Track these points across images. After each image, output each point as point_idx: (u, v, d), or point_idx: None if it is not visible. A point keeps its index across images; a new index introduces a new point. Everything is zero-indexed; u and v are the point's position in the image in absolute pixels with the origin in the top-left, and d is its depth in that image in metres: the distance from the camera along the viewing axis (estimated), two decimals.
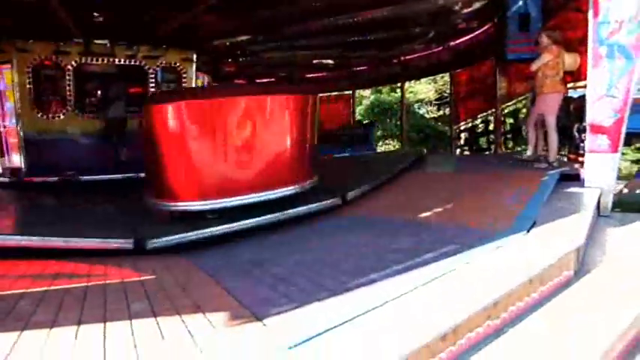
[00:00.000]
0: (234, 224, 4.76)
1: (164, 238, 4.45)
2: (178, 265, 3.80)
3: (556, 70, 6.11)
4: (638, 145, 16.36)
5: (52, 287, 3.15)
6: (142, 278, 3.35)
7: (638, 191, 8.71)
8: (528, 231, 3.63)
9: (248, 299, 2.68)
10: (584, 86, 5.72)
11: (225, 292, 2.87)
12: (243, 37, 10.08)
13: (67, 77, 9.21)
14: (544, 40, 6.28)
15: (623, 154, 6.74)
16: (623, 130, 4.99)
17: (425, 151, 10.20)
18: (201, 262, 3.83)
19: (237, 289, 2.90)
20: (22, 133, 8.74)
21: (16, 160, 8.80)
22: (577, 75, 6.54)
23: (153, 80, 9.95)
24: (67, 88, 9.24)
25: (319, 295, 2.66)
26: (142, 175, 8.64)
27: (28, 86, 8.83)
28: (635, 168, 14.23)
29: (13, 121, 8.82)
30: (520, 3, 7.94)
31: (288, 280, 3.03)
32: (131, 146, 9.50)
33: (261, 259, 3.74)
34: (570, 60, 6.24)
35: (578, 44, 6.33)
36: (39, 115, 9.01)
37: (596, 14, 5.02)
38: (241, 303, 2.64)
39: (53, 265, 3.79)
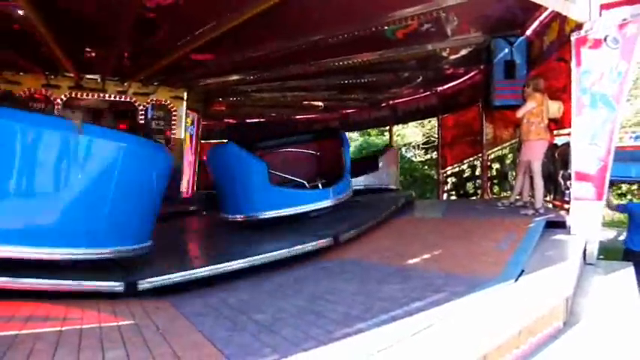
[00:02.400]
0: (220, 266, 4.65)
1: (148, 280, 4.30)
2: (159, 309, 3.66)
3: (540, 117, 6.24)
4: (618, 191, 16.66)
5: (23, 331, 3.00)
6: (119, 323, 3.21)
7: (621, 238, 8.79)
8: (517, 279, 3.60)
9: (230, 349, 2.58)
10: (568, 134, 5.83)
11: (206, 340, 2.76)
12: (234, 77, 10.19)
13: (56, 111, 9.19)
14: (528, 88, 6.45)
15: None
16: (608, 177, 5.06)
17: (413, 194, 10.15)
18: (183, 306, 3.71)
19: (219, 337, 2.79)
20: None
21: None
22: (561, 122, 6.67)
23: (142, 117, 9.97)
24: None
25: (304, 344, 2.56)
26: None
27: None
28: (616, 215, 14.44)
29: None
30: (506, 51, 8.13)
31: (272, 328, 2.93)
32: None
33: (245, 305, 3.63)
34: (554, 107, 6.38)
35: (561, 92, 6.50)
36: None
37: (578, 64, 5.17)
38: (223, 352, 2.53)
39: (26, 306, 3.63)
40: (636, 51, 4.89)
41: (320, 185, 7.45)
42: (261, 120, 16.94)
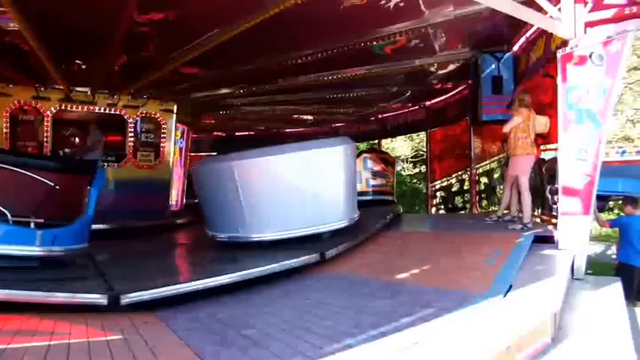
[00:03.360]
0: (206, 281, 4.62)
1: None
2: (147, 323, 3.63)
3: (527, 132, 6.32)
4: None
5: (11, 346, 2.96)
6: (108, 338, 3.18)
7: (609, 252, 8.87)
8: (505, 295, 3.62)
9: None
10: (555, 148, 5.91)
11: (195, 356, 2.74)
12: (223, 91, 10.21)
13: (46, 123, 9.14)
14: (514, 103, 6.55)
15: None
16: (595, 192, 5.13)
17: (401, 209, 10.12)
18: (171, 321, 3.68)
19: (207, 352, 2.78)
20: None
21: None
22: (548, 137, 6.76)
23: (132, 130, 9.94)
24: (45, 134, 9.15)
25: None
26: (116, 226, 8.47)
27: (4, 130, 8.70)
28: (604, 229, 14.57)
29: None
30: (493, 66, 8.26)
31: (261, 343, 2.92)
32: (107, 196, 9.33)
33: (234, 320, 3.62)
34: (541, 122, 6.47)
35: (548, 108, 6.59)
36: None
37: (564, 80, 5.27)
38: None
39: (14, 320, 3.58)
40: (621, 68, 5.00)
41: (32, 224, 5.11)
42: (251, 133, 16.97)
